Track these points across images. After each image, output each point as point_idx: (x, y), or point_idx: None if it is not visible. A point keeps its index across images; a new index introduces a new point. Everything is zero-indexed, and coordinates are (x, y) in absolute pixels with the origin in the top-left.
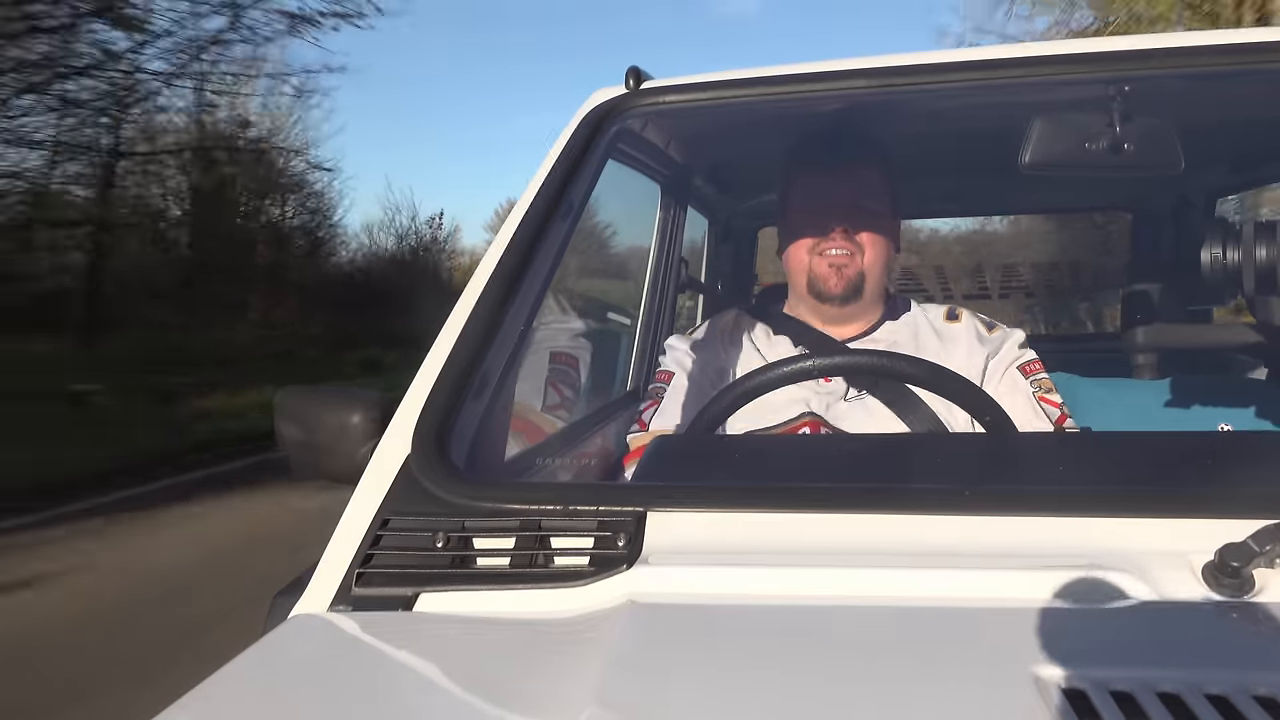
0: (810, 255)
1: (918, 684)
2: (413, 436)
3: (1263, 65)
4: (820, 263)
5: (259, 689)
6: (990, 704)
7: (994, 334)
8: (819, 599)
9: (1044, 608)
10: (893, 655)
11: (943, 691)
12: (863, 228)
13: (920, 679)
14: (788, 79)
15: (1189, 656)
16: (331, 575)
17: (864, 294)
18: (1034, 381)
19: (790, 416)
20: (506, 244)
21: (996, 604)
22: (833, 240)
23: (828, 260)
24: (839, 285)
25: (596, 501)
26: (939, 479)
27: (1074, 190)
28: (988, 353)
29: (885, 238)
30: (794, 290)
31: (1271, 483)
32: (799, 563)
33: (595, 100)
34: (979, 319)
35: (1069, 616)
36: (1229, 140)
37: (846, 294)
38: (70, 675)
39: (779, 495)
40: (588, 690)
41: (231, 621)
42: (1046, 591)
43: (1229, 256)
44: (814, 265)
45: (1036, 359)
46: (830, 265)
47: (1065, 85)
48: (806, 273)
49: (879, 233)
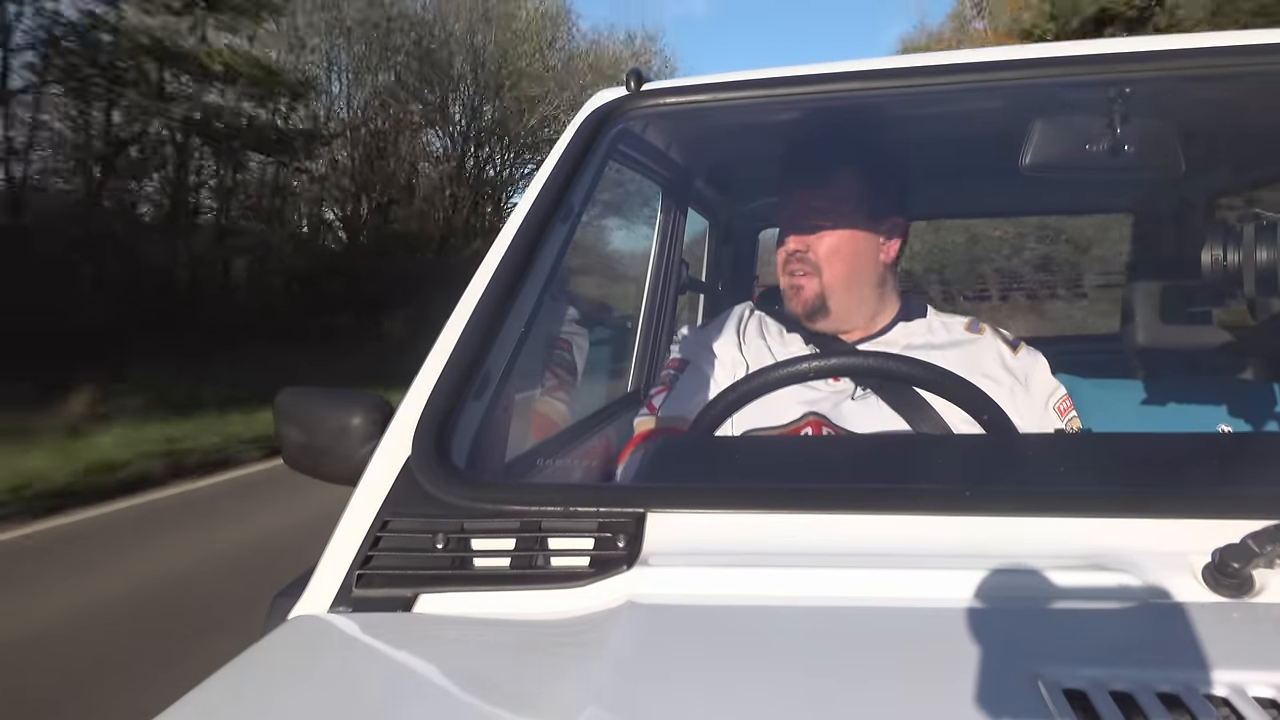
0: (781, 274)
1: (918, 684)
2: (413, 438)
3: (1263, 66)
4: (785, 281)
5: (259, 689)
6: (990, 704)
7: (1018, 356)
8: (819, 599)
9: (1044, 608)
10: (893, 655)
11: (943, 691)
12: (818, 242)
13: (921, 679)
14: (788, 80)
15: (1189, 656)
16: (331, 576)
17: (831, 311)
18: (1068, 423)
19: (794, 417)
20: (507, 245)
21: (996, 604)
22: (791, 263)
23: (787, 281)
24: (798, 305)
25: (596, 502)
26: (940, 480)
27: (1074, 192)
28: (1014, 381)
29: (854, 248)
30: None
31: (1271, 483)
32: (799, 563)
33: (596, 102)
34: (1001, 337)
35: (1069, 616)
36: (1230, 141)
37: (808, 313)
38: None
39: (779, 496)
40: (587, 691)
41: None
42: (1046, 591)
43: (1229, 258)
44: (782, 284)
45: (1066, 395)
46: (790, 286)
47: (1066, 87)
48: (783, 291)
49: (846, 245)
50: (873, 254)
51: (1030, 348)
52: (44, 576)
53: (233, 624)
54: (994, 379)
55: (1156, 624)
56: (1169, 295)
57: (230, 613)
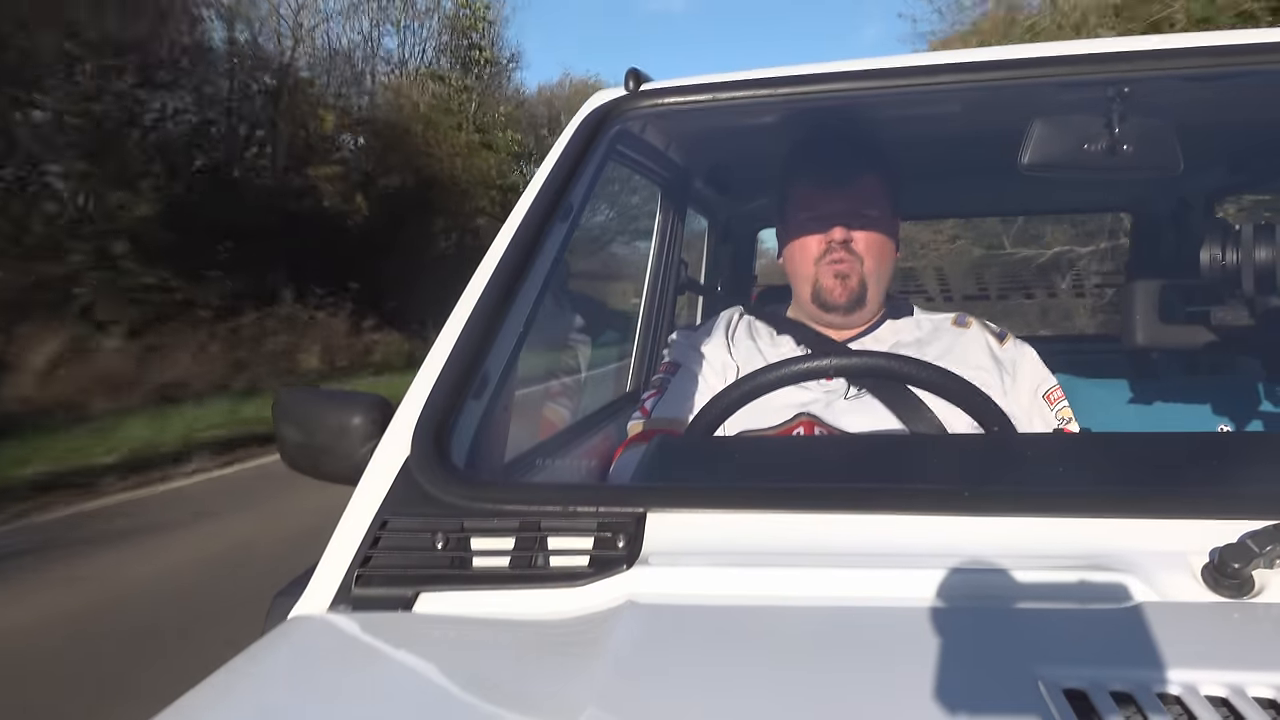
0: (815, 266)
1: (918, 684)
2: (412, 437)
3: (1263, 65)
4: (825, 273)
5: (259, 689)
6: (990, 704)
7: (1005, 347)
8: (820, 599)
9: (1044, 608)
10: (893, 655)
11: (943, 691)
12: (864, 237)
13: (920, 679)
14: (787, 80)
15: (1189, 656)
16: (331, 576)
17: (867, 301)
18: (1058, 412)
19: (786, 418)
20: (506, 245)
21: (996, 604)
22: (836, 251)
23: (833, 270)
24: (843, 295)
25: (596, 502)
26: (939, 480)
27: (1073, 191)
28: (1002, 371)
29: (886, 243)
30: (798, 298)
31: (1271, 483)
32: (800, 563)
33: (595, 102)
34: (988, 329)
35: (1069, 616)
36: (1229, 141)
37: (850, 303)
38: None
39: (779, 496)
40: (587, 690)
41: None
42: (1046, 591)
43: (1228, 258)
44: (819, 276)
45: (1057, 385)
46: (835, 276)
47: (1065, 86)
48: (811, 283)
49: (880, 239)
50: (893, 250)
51: (1018, 340)
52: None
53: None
54: (982, 368)
55: (1156, 624)
56: (1167, 295)
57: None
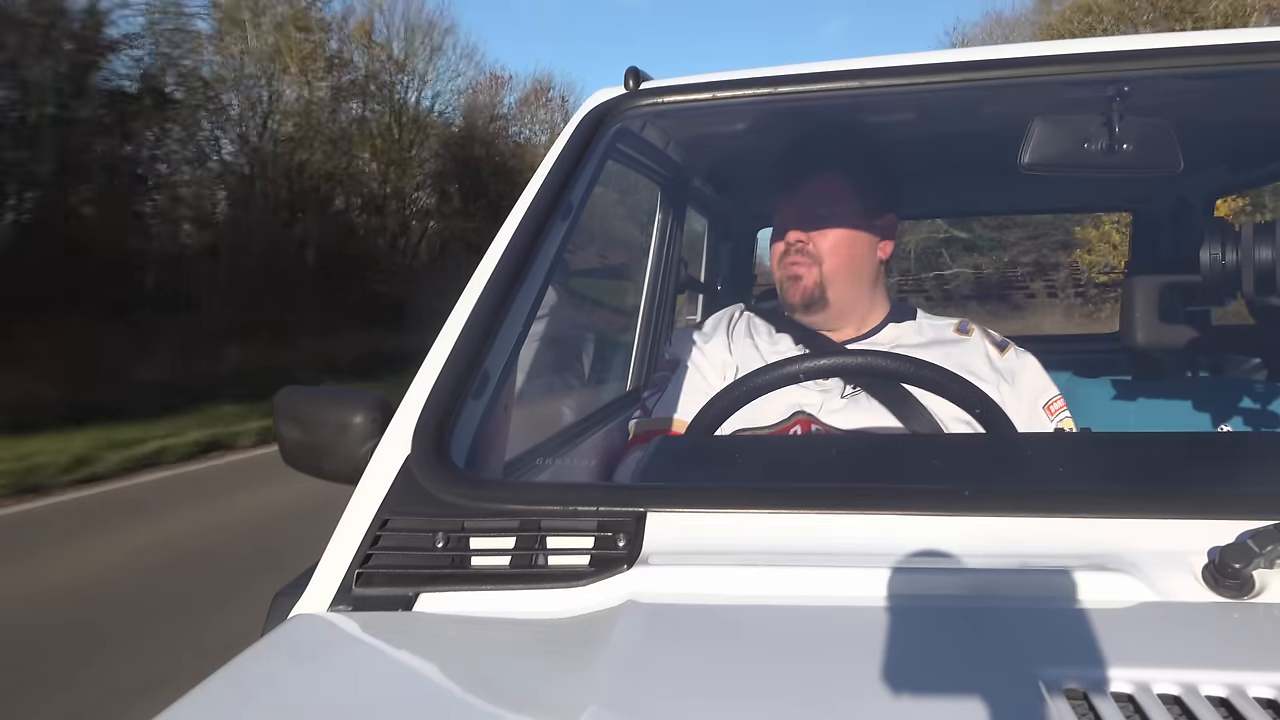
0: (779, 269)
1: (918, 684)
2: (412, 437)
3: (1262, 65)
4: (782, 275)
5: (259, 689)
6: (990, 704)
7: (1005, 356)
8: (819, 599)
9: (1044, 608)
10: (893, 655)
11: (943, 691)
12: (820, 237)
13: (920, 679)
14: (787, 79)
15: (1189, 656)
16: (331, 575)
17: (829, 303)
18: (1057, 424)
19: (782, 416)
20: (506, 244)
21: (997, 604)
22: (791, 255)
23: (786, 273)
24: (797, 296)
25: (596, 502)
26: (939, 479)
27: (1073, 190)
28: (1000, 381)
29: (853, 241)
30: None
31: (1271, 483)
32: (800, 563)
33: (594, 101)
34: (989, 338)
35: (1069, 616)
36: (1228, 140)
37: (805, 304)
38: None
39: (779, 495)
40: (588, 690)
41: None
42: (1046, 591)
43: (1228, 257)
44: (780, 278)
45: (1059, 396)
46: (789, 278)
47: (1064, 85)
48: (778, 284)
49: (842, 238)
50: (870, 250)
51: (1020, 349)
52: None
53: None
54: (980, 378)
55: (1156, 624)
56: (1167, 294)
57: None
